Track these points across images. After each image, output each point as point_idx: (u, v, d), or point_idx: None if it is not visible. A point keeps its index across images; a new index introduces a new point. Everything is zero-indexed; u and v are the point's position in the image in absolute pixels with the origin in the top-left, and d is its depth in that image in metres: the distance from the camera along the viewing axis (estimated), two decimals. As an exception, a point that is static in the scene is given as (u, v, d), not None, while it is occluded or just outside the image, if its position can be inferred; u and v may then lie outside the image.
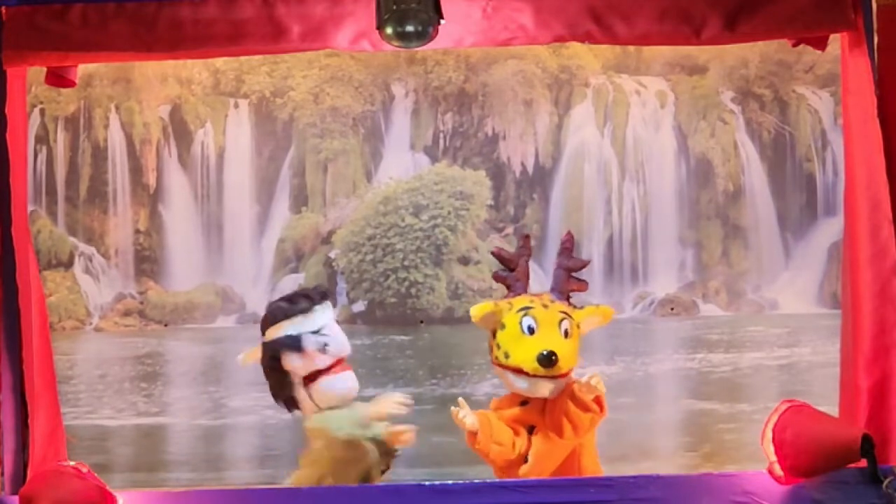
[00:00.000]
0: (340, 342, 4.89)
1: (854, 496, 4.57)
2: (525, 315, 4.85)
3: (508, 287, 5.05)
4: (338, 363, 4.88)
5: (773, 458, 4.66)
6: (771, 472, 4.66)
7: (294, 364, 4.81)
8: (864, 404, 4.80)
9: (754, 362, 7.54)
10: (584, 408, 4.77)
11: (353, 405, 4.84)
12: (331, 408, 4.83)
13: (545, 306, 4.88)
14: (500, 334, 4.89)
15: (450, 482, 4.66)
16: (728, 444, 7.16)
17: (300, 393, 4.81)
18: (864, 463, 4.58)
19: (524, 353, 4.82)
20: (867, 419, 4.77)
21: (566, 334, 4.84)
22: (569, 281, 5.02)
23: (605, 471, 5.00)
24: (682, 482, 4.75)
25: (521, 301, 4.92)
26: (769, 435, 4.68)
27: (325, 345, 4.82)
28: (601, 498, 4.61)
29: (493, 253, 5.12)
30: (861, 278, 4.86)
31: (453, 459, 6.43)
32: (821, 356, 7.29)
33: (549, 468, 4.86)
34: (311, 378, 4.82)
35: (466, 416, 4.80)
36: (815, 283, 7.60)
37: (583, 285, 5.05)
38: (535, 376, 4.82)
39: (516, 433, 4.89)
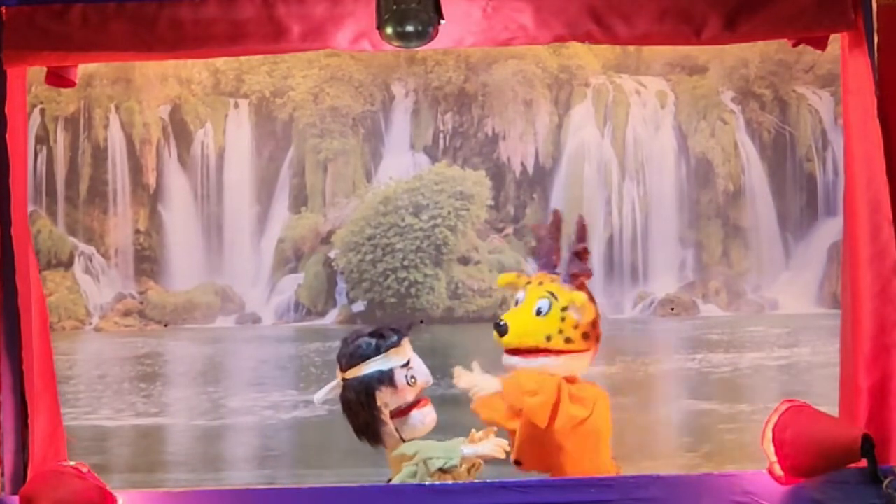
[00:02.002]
0: (424, 374, 4.88)
1: (854, 496, 4.57)
2: (522, 289, 4.92)
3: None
4: (422, 397, 4.87)
5: (773, 458, 4.65)
6: (771, 472, 4.66)
7: (385, 399, 4.77)
8: (864, 404, 4.79)
9: (754, 362, 7.54)
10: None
11: (454, 439, 4.81)
12: (413, 439, 4.81)
13: (540, 283, 4.94)
14: None
15: (450, 482, 4.66)
16: (728, 444, 7.16)
17: (387, 428, 4.77)
18: (864, 463, 4.57)
19: None
20: (867, 419, 4.76)
21: (538, 312, 4.87)
22: (571, 263, 5.03)
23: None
24: (682, 482, 4.75)
25: (534, 277, 4.99)
26: (769, 435, 4.68)
27: (413, 378, 4.81)
28: (601, 498, 4.61)
29: (530, 228, 5.23)
30: (861, 278, 4.85)
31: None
32: (821, 356, 7.29)
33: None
34: (398, 413, 4.80)
35: (475, 384, 4.84)
36: (815, 283, 7.61)
37: (586, 271, 5.04)
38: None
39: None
